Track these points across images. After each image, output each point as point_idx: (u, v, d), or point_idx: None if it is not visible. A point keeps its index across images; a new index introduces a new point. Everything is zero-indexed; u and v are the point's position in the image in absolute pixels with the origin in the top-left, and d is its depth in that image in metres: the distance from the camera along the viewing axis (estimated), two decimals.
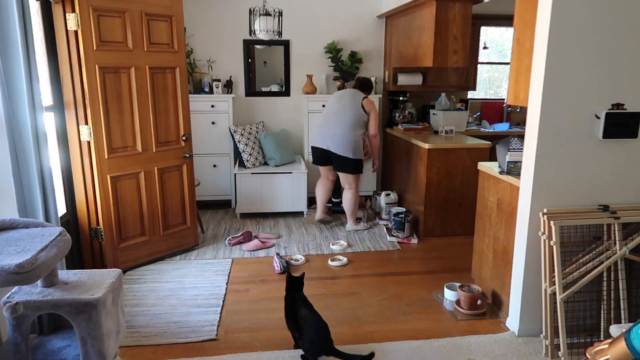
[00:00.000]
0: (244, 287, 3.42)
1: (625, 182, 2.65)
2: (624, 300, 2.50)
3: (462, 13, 4.23)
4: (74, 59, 3.17)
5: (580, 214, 2.57)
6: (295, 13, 5.18)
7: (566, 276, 2.50)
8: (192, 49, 5.10)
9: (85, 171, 3.35)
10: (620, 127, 2.53)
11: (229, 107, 5.06)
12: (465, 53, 4.34)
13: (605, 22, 2.41)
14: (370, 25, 5.38)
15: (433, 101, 5.49)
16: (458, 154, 4.30)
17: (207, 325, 2.88)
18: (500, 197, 3.02)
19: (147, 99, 3.57)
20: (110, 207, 3.44)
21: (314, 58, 5.35)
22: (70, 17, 3.10)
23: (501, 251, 3.03)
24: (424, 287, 3.44)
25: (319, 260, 3.92)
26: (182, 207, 3.95)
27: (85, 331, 1.95)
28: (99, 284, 2.07)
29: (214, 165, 5.17)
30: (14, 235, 1.99)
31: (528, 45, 2.59)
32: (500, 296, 3.05)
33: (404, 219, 4.32)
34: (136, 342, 2.70)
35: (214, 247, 4.17)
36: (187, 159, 3.92)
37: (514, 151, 2.87)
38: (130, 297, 3.23)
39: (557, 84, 2.45)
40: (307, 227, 4.70)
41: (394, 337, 2.77)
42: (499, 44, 6.47)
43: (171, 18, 3.64)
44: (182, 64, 3.77)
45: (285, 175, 4.90)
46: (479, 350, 2.64)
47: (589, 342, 2.55)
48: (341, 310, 3.08)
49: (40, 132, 2.51)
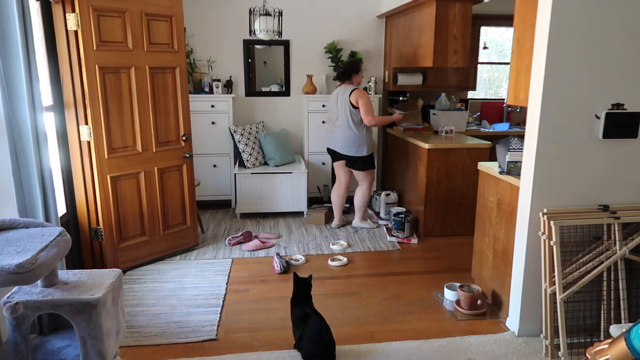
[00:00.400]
0: (244, 287, 3.42)
1: (625, 182, 2.65)
2: (624, 300, 2.50)
3: (462, 13, 4.23)
4: (74, 59, 3.17)
5: (580, 214, 2.57)
6: (295, 13, 5.18)
7: (566, 276, 2.50)
8: (192, 49, 5.10)
9: (85, 171, 3.35)
10: (620, 127, 2.53)
11: (229, 107, 5.06)
12: (465, 53, 4.34)
13: (605, 22, 2.41)
14: (370, 25, 5.39)
15: (433, 101, 5.49)
16: (458, 154, 4.30)
17: (207, 325, 2.88)
18: (500, 197, 3.02)
19: (147, 99, 3.57)
20: (110, 207, 3.44)
21: (314, 58, 5.35)
22: (70, 17, 3.10)
23: (501, 251, 3.03)
24: (424, 287, 3.44)
25: (319, 260, 3.92)
26: (182, 207, 3.95)
27: (85, 331, 1.95)
28: (99, 284, 2.07)
29: (214, 165, 5.17)
30: (14, 235, 1.99)
31: (528, 45, 2.59)
32: (500, 296, 3.05)
33: (404, 219, 4.32)
34: (136, 342, 2.70)
35: (214, 247, 4.17)
36: (187, 159, 3.92)
37: (514, 151, 2.87)
38: (130, 297, 3.23)
39: (557, 84, 2.45)
40: (307, 227, 4.70)
41: (394, 337, 2.77)
42: (499, 44, 6.47)
43: (171, 18, 3.64)
44: (182, 64, 3.77)
45: (285, 175, 4.90)
46: (479, 350, 2.64)
47: (589, 342, 2.55)
48: (341, 310, 3.08)
49: (40, 132, 2.51)
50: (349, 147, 4.31)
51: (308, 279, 2.70)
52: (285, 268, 3.66)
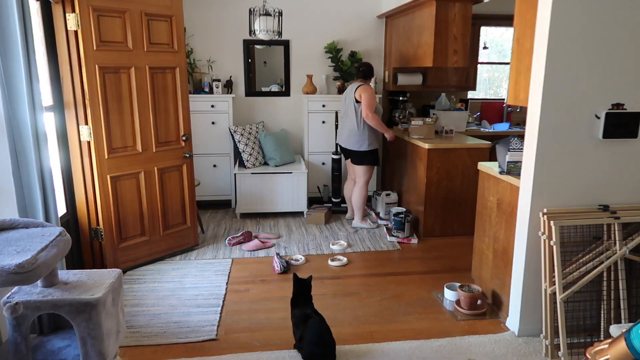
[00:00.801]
0: (244, 287, 3.42)
1: (625, 182, 2.65)
2: (624, 300, 2.50)
3: (462, 13, 4.23)
4: (74, 59, 3.17)
5: (580, 214, 2.57)
6: (295, 13, 5.18)
7: (566, 276, 2.50)
8: (192, 49, 5.10)
9: (85, 171, 3.35)
10: (620, 127, 2.53)
11: (229, 107, 5.06)
12: (465, 53, 4.34)
13: (605, 22, 2.41)
14: (370, 25, 5.38)
15: (433, 101, 5.49)
16: (458, 154, 4.30)
17: (207, 325, 2.88)
18: (500, 197, 3.02)
19: (147, 99, 3.57)
20: (110, 207, 3.44)
21: (314, 58, 5.35)
22: (70, 17, 3.10)
23: (501, 251, 3.03)
24: (424, 287, 3.44)
25: (319, 260, 3.92)
26: (182, 207, 3.95)
27: (85, 331, 1.95)
28: (99, 284, 2.07)
29: (214, 165, 5.17)
30: (14, 235, 1.99)
31: (528, 45, 2.59)
32: (500, 296, 3.05)
33: (404, 219, 4.32)
34: (136, 342, 2.70)
35: (214, 247, 4.17)
36: (187, 159, 3.92)
37: (514, 151, 2.87)
38: (130, 297, 3.22)
39: (557, 84, 2.45)
40: (307, 227, 4.70)
41: (394, 337, 2.77)
42: (499, 44, 6.47)
43: (171, 18, 3.64)
44: (182, 64, 3.77)
45: (285, 175, 4.90)
46: (479, 350, 2.64)
47: (589, 342, 2.55)
48: (341, 310, 3.08)
49: (40, 132, 2.51)
50: (351, 141, 4.44)
51: (308, 280, 2.69)
52: (285, 268, 3.66)
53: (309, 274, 2.78)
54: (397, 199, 4.91)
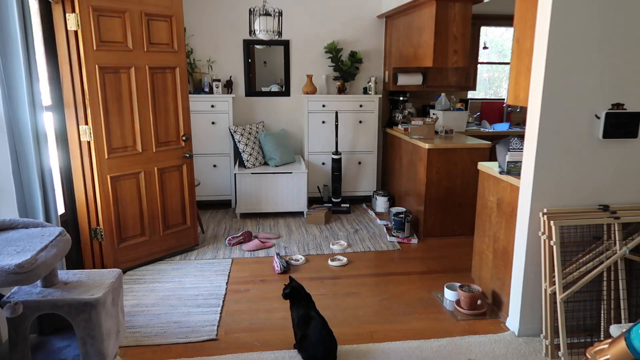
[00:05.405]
0: (244, 287, 3.42)
1: (625, 182, 2.65)
2: (624, 300, 2.50)
3: (462, 13, 4.22)
4: (74, 59, 3.17)
5: (580, 214, 2.57)
6: (295, 13, 5.18)
7: (566, 276, 2.50)
8: (192, 49, 5.10)
9: (85, 171, 3.35)
10: (620, 127, 2.53)
11: (229, 107, 5.06)
12: (465, 53, 4.34)
13: (605, 22, 2.41)
14: (370, 25, 5.38)
15: (433, 101, 5.48)
16: (458, 154, 4.30)
17: (207, 325, 2.88)
18: (500, 197, 3.02)
19: (147, 99, 3.57)
20: (110, 207, 3.44)
21: (314, 58, 5.35)
22: (70, 17, 3.10)
23: (501, 251, 3.03)
24: (424, 287, 3.44)
25: (319, 260, 3.92)
26: (182, 207, 3.95)
27: (85, 331, 1.95)
28: (99, 284, 2.07)
29: (214, 165, 5.17)
30: (13, 235, 1.99)
31: (528, 45, 2.59)
32: (500, 296, 3.05)
33: (404, 219, 4.31)
34: (136, 342, 2.70)
35: (214, 247, 4.16)
36: (187, 159, 3.92)
37: (514, 151, 2.87)
38: (130, 297, 3.22)
39: (557, 84, 2.45)
40: (307, 227, 4.70)
41: (393, 337, 2.77)
42: (499, 44, 6.47)
43: (171, 18, 3.64)
44: (182, 64, 3.77)
45: (285, 175, 4.90)
46: (479, 350, 2.64)
47: (589, 342, 2.55)
48: (341, 310, 3.08)
49: (40, 132, 2.51)
50: None
51: (301, 290, 2.65)
52: (285, 268, 3.66)
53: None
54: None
